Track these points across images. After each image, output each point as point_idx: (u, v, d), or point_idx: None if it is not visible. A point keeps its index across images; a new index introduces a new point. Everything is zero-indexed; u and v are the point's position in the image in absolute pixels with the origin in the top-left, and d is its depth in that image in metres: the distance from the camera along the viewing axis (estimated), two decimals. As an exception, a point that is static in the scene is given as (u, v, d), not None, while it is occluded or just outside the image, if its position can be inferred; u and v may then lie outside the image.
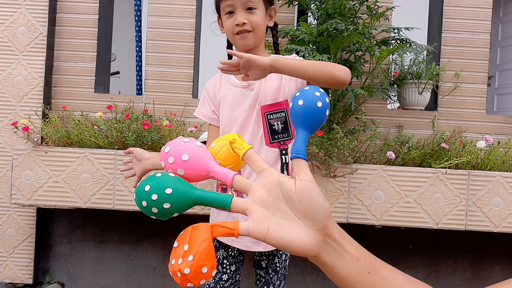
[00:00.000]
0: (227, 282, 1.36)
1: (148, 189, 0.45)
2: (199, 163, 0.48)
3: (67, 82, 2.48)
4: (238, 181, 0.47)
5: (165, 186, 0.45)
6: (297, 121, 0.48)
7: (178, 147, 0.48)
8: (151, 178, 0.46)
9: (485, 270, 2.37)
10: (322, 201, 0.44)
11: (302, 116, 0.48)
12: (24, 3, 2.41)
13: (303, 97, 0.48)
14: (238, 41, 1.31)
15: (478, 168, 2.11)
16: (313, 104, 0.47)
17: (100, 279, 2.41)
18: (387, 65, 2.43)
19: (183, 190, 0.45)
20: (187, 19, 2.46)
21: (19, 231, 2.35)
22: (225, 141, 0.50)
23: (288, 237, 0.44)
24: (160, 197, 0.44)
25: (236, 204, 0.46)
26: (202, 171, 0.48)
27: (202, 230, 0.44)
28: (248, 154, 0.48)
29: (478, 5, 2.44)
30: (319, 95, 0.48)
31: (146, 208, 0.45)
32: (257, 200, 0.45)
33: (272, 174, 0.46)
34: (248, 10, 1.27)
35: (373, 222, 2.05)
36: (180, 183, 0.46)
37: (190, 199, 0.45)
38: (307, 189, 0.44)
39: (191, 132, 2.20)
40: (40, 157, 2.10)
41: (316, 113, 0.47)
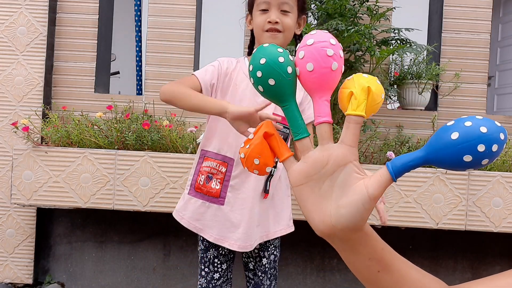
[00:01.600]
0: (219, 280, 1.36)
1: (262, 63, 0.44)
2: (315, 84, 0.44)
3: (67, 82, 2.48)
4: (322, 129, 0.44)
5: (272, 75, 0.44)
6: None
7: (316, 52, 0.43)
8: (275, 56, 0.44)
9: (485, 270, 2.37)
10: (359, 218, 0.43)
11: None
12: (24, 3, 2.41)
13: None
14: (266, 39, 1.29)
15: (478, 168, 2.11)
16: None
17: (100, 279, 2.41)
18: (387, 65, 2.43)
19: (281, 91, 0.44)
20: (187, 19, 2.46)
21: (19, 231, 2.35)
22: (354, 87, 0.44)
23: (308, 205, 0.44)
24: (262, 79, 0.44)
25: (303, 142, 0.45)
26: (311, 90, 0.45)
27: (264, 127, 0.47)
28: (350, 118, 0.44)
29: (478, 5, 2.44)
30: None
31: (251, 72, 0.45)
32: (318, 159, 0.44)
33: (349, 154, 0.44)
34: (282, 12, 1.28)
35: (373, 222, 2.05)
36: (286, 84, 0.44)
37: (280, 101, 0.45)
38: (360, 198, 0.42)
39: (191, 132, 2.20)
40: (40, 157, 2.10)
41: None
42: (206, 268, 1.37)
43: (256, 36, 1.34)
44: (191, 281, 2.37)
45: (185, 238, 2.36)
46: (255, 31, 1.34)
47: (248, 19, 1.38)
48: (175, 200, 2.05)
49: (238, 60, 1.39)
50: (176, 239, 2.38)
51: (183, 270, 2.38)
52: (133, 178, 2.07)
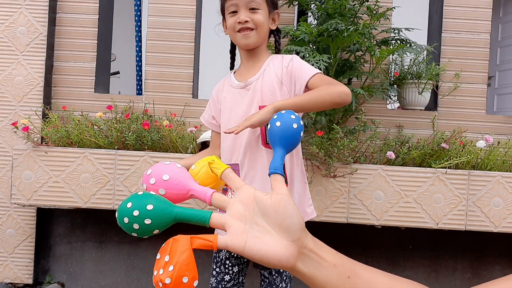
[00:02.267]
0: (229, 282, 1.36)
1: (130, 206, 0.47)
2: (179, 183, 0.51)
3: (67, 82, 2.48)
4: (216, 198, 0.50)
5: (146, 202, 0.47)
6: (275, 141, 0.53)
7: (159, 169, 0.52)
8: (133, 196, 0.48)
9: (485, 270, 2.37)
10: (296, 213, 0.47)
11: (279, 136, 0.53)
12: (24, 3, 2.41)
13: (280, 119, 0.53)
14: (239, 39, 1.32)
15: (478, 168, 2.11)
16: (290, 126, 0.53)
17: (100, 279, 2.41)
18: (387, 65, 2.43)
19: (163, 207, 0.47)
20: (187, 19, 2.46)
21: (19, 231, 2.35)
22: (204, 163, 0.54)
23: (265, 249, 0.46)
24: (142, 213, 0.46)
25: (214, 219, 0.48)
26: (182, 190, 0.51)
27: (182, 242, 0.46)
28: (225, 173, 0.52)
29: (478, 5, 2.44)
30: (294, 118, 0.53)
31: (128, 225, 0.47)
32: (235, 215, 0.48)
33: (248, 190, 0.49)
34: (251, 10, 1.30)
35: (373, 222, 2.05)
36: (161, 200, 0.48)
37: (170, 215, 0.47)
38: (282, 202, 0.47)
39: (191, 132, 2.20)
40: (40, 157, 2.10)
41: (292, 133, 0.53)
42: (217, 268, 1.37)
43: (231, 38, 1.39)
44: (191, 281, 2.37)
45: (185, 238, 2.36)
46: (229, 34, 1.38)
47: (224, 24, 1.41)
48: (175, 200, 2.06)
49: (226, 77, 1.44)
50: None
51: (183, 270, 2.38)
52: (133, 178, 2.07)
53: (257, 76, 1.34)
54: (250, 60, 1.37)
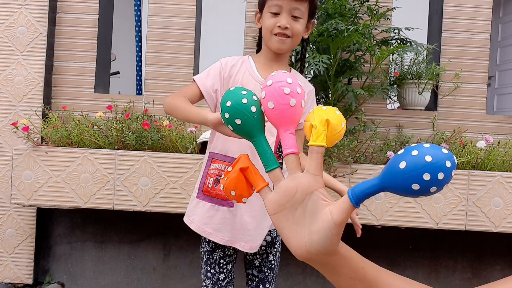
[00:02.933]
0: (224, 281, 1.37)
1: (228, 105, 0.50)
2: (277, 119, 0.49)
3: (67, 82, 2.48)
4: (289, 160, 0.48)
5: (237, 116, 0.50)
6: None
7: (274, 92, 0.48)
8: (239, 98, 0.50)
9: (485, 270, 2.37)
10: (329, 244, 0.45)
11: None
12: (24, 3, 2.41)
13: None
14: (274, 42, 1.28)
15: (478, 168, 2.11)
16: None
17: (100, 279, 2.41)
18: (387, 65, 2.43)
19: (248, 128, 0.50)
20: (187, 19, 2.46)
21: (19, 231, 2.35)
22: (313, 120, 0.48)
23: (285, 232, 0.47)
24: (230, 119, 0.50)
25: (274, 173, 0.49)
26: (276, 125, 0.50)
27: (241, 162, 0.51)
28: (313, 148, 0.47)
29: (478, 5, 2.44)
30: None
31: (220, 113, 0.52)
32: (288, 188, 0.47)
33: (314, 182, 0.47)
34: (293, 17, 1.27)
35: (373, 222, 2.05)
36: (251, 122, 0.50)
37: (250, 137, 0.51)
38: (327, 225, 0.45)
39: (191, 132, 2.20)
40: (40, 157, 2.10)
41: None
42: (212, 269, 1.36)
43: (264, 37, 1.33)
44: (191, 281, 2.37)
45: (185, 238, 2.37)
46: (263, 32, 1.32)
47: (257, 17, 1.36)
48: (175, 200, 2.06)
49: (243, 59, 1.35)
50: (176, 239, 2.38)
51: (183, 270, 2.38)
52: (133, 178, 2.07)
53: None
54: (276, 62, 1.34)
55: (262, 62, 1.35)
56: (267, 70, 1.33)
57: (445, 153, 0.40)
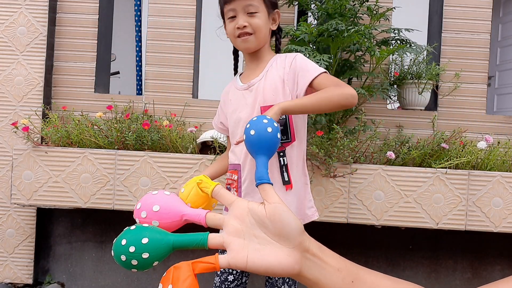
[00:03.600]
0: (232, 283, 1.35)
1: (124, 243, 0.45)
2: (171, 211, 0.50)
3: (67, 82, 2.48)
4: (210, 218, 0.49)
5: (141, 236, 0.46)
6: (254, 150, 0.51)
7: (148, 200, 0.50)
8: (126, 232, 0.46)
9: (485, 270, 2.37)
10: (292, 219, 0.46)
11: (257, 144, 0.51)
12: (24, 3, 2.41)
13: (254, 127, 0.52)
14: (239, 44, 1.33)
15: (478, 168, 2.11)
16: (264, 131, 0.51)
17: (100, 279, 2.41)
18: (387, 65, 2.43)
19: (159, 237, 0.46)
20: (187, 19, 2.46)
21: (19, 231, 2.35)
22: (192, 184, 0.52)
23: (268, 260, 0.45)
24: (138, 248, 0.45)
25: (212, 240, 0.47)
26: (175, 217, 0.50)
27: (184, 269, 0.45)
28: (216, 190, 0.50)
29: (478, 5, 2.44)
30: (267, 122, 0.52)
31: (126, 262, 0.45)
32: (232, 231, 0.47)
33: (241, 204, 0.48)
34: (249, 14, 1.29)
35: (373, 222, 2.05)
36: (155, 231, 0.47)
37: (167, 245, 0.47)
38: (277, 211, 0.46)
39: (191, 132, 2.20)
40: (40, 157, 2.10)
41: (269, 138, 0.51)
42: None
43: (232, 43, 1.39)
44: (191, 281, 2.37)
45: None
46: (230, 39, 1.38)
47: (225, 28, 1.42)
48: (175, 200, 2.05)
49: (232, 81, 1.45)
50: (176, 239, 2.37)
51: (183, 270, 2.38)
52: (133, 178, 2.07)
53: (260, 77, 1.34)
54: (254, 62, 1.37)
55: (246, 70, 1.42)
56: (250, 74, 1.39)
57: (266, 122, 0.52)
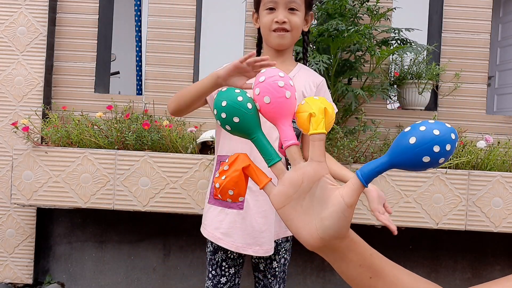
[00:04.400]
0: (225, 285, 1.34)
1: (224, 105, 0.49)
2: (275, 113, 0.49)
3: (67, 82, 2.48)
4: (291, 151, 0.49)
5: (235, 114, 0.49)
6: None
7: (269, 86, 0.49)
8: (234, 96, 0.49)
9: (485, 270, 2.37)
10: (342, 227, 0.45)
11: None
12: (24, 3, 2.41)
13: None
14: (274, 39, 1.27)
15: (478, 168, 2.11)
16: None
17: (100, 279, 2.41)
18: (387, 65, 2.43)
19: (247, 126, 0.49)
20: (187, 19, 2.46)
21: (19, 231, 2.35)
22: (310, 108, 0.49)
23: (295, 224, 0.47)
24: (227, 119, 0.49)
25: (277, 167, 0.49)
26: (273, 120, 0.50)
27: (241, 162, 0.50)
28: (314, 137, 0.48)
29: (478, 5, 2.44)
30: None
31: (215, 115, 0.50)
32: (293, 179, 0.47)
33: (320, 169, 0.47)
34: (289, 10, 1.26)
35: (373, 222, 2.05)
36: (249, 118, 0.49)
37: (249, 135, 0.50)
38: (338, 207, 0.45)
39: (191, 132, 2.20)
40: (40, 157, 2.10)
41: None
42: (213, 270, 1.34)
43: (263, 35, 1.32)
44: (191, 281, 2.37)
45: (185, 238, 2.37)
46: (262, 31, 1.32)
47: (254, 17, 1.36)
48: (175, 200, 2.06)
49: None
50: (176, 239, 2.38)
51: (183, 270, 2.38)
52: (133, 178, 2.07)
53: None
54: (278, 59, 1.32)
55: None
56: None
57: (449, 127, 0.43)
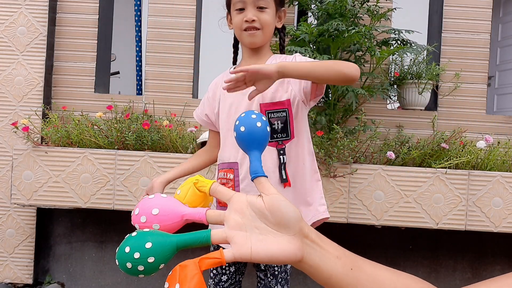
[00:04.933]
0: (226, 282, 1.35)
1: (128, 250, 0.46)
2: (171, 212, 0.50)
3: (67, 82, 2.48)
4: (211, 215, 0.50)
5: (144, 241, 0.46)
6: (246, 145, 0.52)
7: (146, 205, 0.51)
8: (128, 239, 0.47)
9: (485, 270, 2.37)
10: (290, 207, 0.48)
11: (248, 140, 0.52)
12: (24, 3, 2.41)
13: (243, 123, 0.52)
14: (245, 38, 1.30)
15: (478, 168, 2.11)
16: (254, 126, 0.52)
17: (100, 279, 2.41)
18: (387, 65, 2.43)
19: (162, 240, 0.47)
20: (187, 19, 2.46)
21: (19, 231, 2.35)
22: (189, 185, 0.53)
23: (271, 249, 0.47)
24: (142, 253, 0.45)
25: (215, 236, 0.48)
26: (175, 218, 0.50)
27: (190, 268, 0.45)
28: (213, 188, 0.51)
29: (478, 5, 2.44)
30: (255, 117, 0.53)
31: (132, 269, 0.46)
32: (234, 225, 0.48)
33: (240, 198, 0.49)
34: (258, 9, 1.28)
35: (373, 222, 2.05)
36: (158, 234, 0.47)
37: (171, 246, 0.47)
38: (275, 201, 0.48)
39: (191, 132, 2.20)
40: (40, 157, 2.10)
41: (258, 133, 0.52)
42: (214, 269, 1.36)
43: (236, 36, 1.37)
44: (191, 281, 2.37)
45: (185, 238, 2.36)
46: (235, 32, 1.36)
47: (228, 19, 1.39)
48: (175, 200, 2.05)
49: (225, 72, 1.41)
50: (176, 239, 2.38)
51: (183, 270, 2.38)
52: (133, 178, 2.07)
53: None
54: (253, 57, 1.35)
55: (242, 63, 1.38)
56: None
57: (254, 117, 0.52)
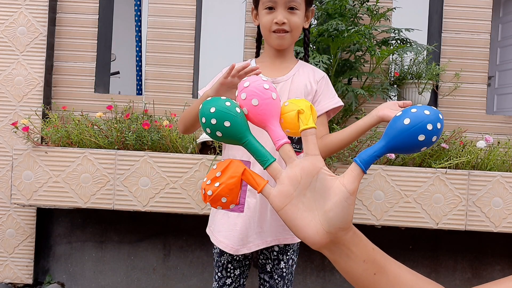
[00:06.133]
0: (230, 286, 1.34)
1: (213, 111, 0.48)
2: (264, 115, 0.50)
3: (67, 82, 2.48)
4: (285, 150, 0.49)
5: (225, 118, 0.48)
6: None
7: (255, 89, 0.50)
8: (222, 102, 0.49)
9: (485, 270, 2.37)
10: (347, 216, 0.45)
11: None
12: (24, 3, 2.41)
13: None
14: (274, 40, 1.25)
15: (478, 168, 2.11)
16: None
17: (100, 279, 2.41)
18: (387, 65, 2.43)
19: (238, 129, 0.49)
20: (187, 19, 2.46)
21: (19, 231, 2.35)
22: (296, 106, 0.51)
23: (298, 223, 0.46)
24: (218, 124, 0.48)
25: (273, 167, 0.48)
26: (262, 122, 0.50)
27: (236, 168, 0.49)
28: (306, 132, 0.49)
29: (478, 5, 2.44)
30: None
31: (204, 124, 0.49)
32: (292, 176, 0.47)
33: (317, 162, 0.47)
34: (289, 10, 1.22)
35: (373, 222, 2.05)
36: (240, 122, 0.49)
37: (240, 139, 0.49)
38: (341, 196, 0.45)
39: (191, 132, 2.20)
40: (40, 157, 2.10)
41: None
42: (219, 272, 1.35)
43: (263, 35, 1.31)
44: (191, 281, 2.37)
45: (185, 238, 2.37)
46: (262, 31, 1.30)
47: (253, 14, 1.33)
48: (175, 200, 2.06)
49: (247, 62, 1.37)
50: (176, 239, 2.38)
51: (183, 270, 2.38)
52: (133, 178, 2.07)
53: (286, 77, 1.28)
54: (278, 58, 1.31)
55: (267, 61, 1.32)
56: (272, 69, 1.30)
57: (436, 108, 0.46)
